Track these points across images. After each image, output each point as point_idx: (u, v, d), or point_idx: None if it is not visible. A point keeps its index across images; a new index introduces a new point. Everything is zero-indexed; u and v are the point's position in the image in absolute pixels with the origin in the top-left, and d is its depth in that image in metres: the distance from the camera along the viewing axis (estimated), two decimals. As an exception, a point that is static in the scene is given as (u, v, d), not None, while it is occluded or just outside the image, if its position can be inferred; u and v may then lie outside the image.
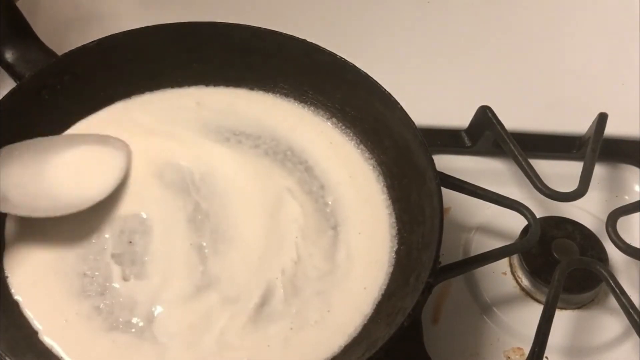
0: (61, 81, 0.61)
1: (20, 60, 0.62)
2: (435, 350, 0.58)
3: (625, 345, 0.61)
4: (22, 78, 0.61)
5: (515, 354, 0.59)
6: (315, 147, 0.63)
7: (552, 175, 0.65)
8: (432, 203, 0.55)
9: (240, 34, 0.64)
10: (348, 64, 0.62)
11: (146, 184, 0.59)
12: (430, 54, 0.80)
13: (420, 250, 0.55)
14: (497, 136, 0.67)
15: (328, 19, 0.82)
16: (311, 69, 0.64)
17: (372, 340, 0.51)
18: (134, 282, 0.54)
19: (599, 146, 0.67)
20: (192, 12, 0.65)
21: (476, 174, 0.66)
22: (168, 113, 0.64)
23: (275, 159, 0.62)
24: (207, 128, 0.63)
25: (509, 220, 0.64)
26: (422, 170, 0.57)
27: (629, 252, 0.61)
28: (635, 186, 0.71)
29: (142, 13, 0.79)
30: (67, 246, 0.56)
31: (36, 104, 0.60)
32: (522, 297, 0.63)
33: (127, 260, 0.55)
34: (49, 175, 0.58)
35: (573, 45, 0.83)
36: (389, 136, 0.61)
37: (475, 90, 0.75)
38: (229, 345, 0.52)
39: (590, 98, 0.76)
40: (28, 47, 0.62)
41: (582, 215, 0.67)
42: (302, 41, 0.63)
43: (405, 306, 0.50)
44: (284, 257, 0.56)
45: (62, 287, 0.54)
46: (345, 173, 0.62)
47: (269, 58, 0.64)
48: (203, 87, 0.66)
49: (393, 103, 0.59)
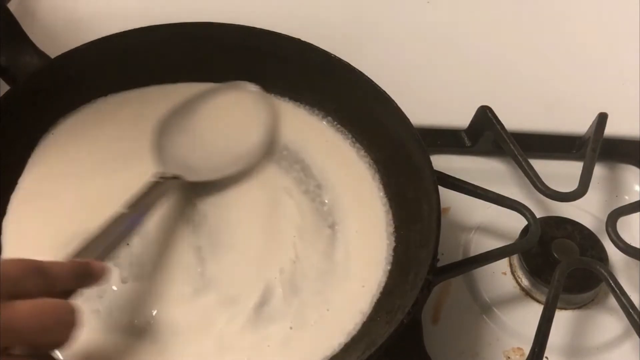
0: (55, 83, 0.61)
1: (13, 64, 0.61)
2: (435, 350, 0.57)
3: (625, 345, 0.60)
4: (16, 81, 0.61)
5: (515, 354, 0.59)
6: (310, 146, 0.63)
7: (552, 175, 0.65)
8: (429, 200, 0.55)
9: (236, 33, 0.64)
10: (342, 62, 0.62)
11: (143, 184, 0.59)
12: (430, 54, 0.80)
13: (418, 248, 0.55)
14: (497, 136, 0.67)
15: (328, 19, 0.82)
16: (306, 68, 0.64)
17: (372, 339, 0.50)
18: (132, 284, 0.54)
19: (599, 146, 0.67)
20: (187, 13, 0.65)
21: (476, 174, 0.66)
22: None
23: (271, 159, 0.62)
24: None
25: (509, 220, 0.64)
26: (418, 167, 0.57)
27: (629, 252, 0.61)
28: (635, 186, 0.71)
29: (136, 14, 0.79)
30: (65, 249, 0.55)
31: (30, 106, 0.60)
32: (522, 297, 0.63)
33: (124, 262, 0.55)
34: (207, 134, 0.62)
35: (573, 45, 0.83)
36: (385, 134, 0.61)
37: (475, 90, 0.75)
38: (229, 346, 0.52)
39: (590, 98, 0.76)
40: (21, 50, 0.62)
41: (582, 215, 0.67)
42: (297, 40, 0.63)
43: (404, 304, 0.50)
44: (282, 256, 0.56)
45: None
46: (342, 172, 0.62)
47: (264, 58, 0.64)
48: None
49: (388, 100, 0.59)
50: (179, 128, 0.61)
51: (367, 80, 0.61)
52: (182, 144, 0.61)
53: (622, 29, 0.84)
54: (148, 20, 0.63)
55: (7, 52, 0.61)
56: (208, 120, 0.63)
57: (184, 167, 0.58)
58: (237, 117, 0.64)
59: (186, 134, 0.61)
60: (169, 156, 0.59)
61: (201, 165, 0.60)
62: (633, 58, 0.80)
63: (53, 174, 0.59)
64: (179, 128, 0.61)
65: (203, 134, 0.62)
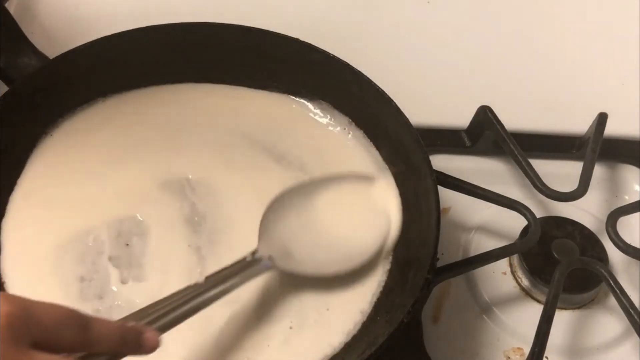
0: (54, 84, 0.61)
1: (12, 64, 0.61)
2: (435, 350, 0.58)
3: (625, 345, 0.60)
4: (14, 82, 0.61)
5: (515, 354, 0.59)
6: (310, 145, 0.63)
7: (552, 175, 0.65)
8: (428, 199, 0.55)
9: (235, 33, 0.64)
10: (341, 62, 0.62)
11: (142, 185, 0.59)
12: (430, 54, 0.80)
13: (418, 247, 0.55)
14: (497, 136, 0.67)
15: (328, 19, 0.82)
16: (305, 68, 0.64)
17: (372, 338, 0.51)
18: (132, 285, 0.54)
19: (598, 146, 0.66)
20: (187, 13, 0.65)
21: (476, 174, 0.66)
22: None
23: (270, 157, 0.62)
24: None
25: (509, 220, 0.64)
26: (417, 166, 0.57)
27: (629, 252, 0.61)
28: (635, 186, 0.71)
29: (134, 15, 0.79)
30: (64, 250, 0.56)
31: (29, 107, 0.60)
32: (522, 297, 0.63)
33: (124, 262, 0.55)
34: (321, 223, 0.56)
35: (573, 45, 0.83)
36: (384, 134, 0.61)
37: (475, 90, 0.75)
38: (229, 346, 0.52)
39: (590, 98, 0.76)
40: (20, 51, 0.62)
41: (582, 215, 0.67)
42: (297, 40, 0.63)
43: (404, 303, 0.50)
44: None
45: (59, 291, 0.54)
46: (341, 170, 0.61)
47: (264, 58, 0.64)
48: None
49: (387, 100, 0.59)
50: (293, 209, 0.56)
51: (367, 80, 0.61)
52: (290, 227, 0.55)
53: (622, 29, 0.84)
54: (147, 21, 0.63)
55: (6, 52, 0.61)
56: (325, 209, 0.57)
57: (283, 252, 0.53)
58: (358, 214, 0.58)
59: (298, 218, 0.56)
60: (271, 236, 0.54)
61: (303, 256, 0.54)
62: (633, 58, 0.80)
63: (52, 175, 0.59)
64: (292, 208, 0.56)
65: (316, 223, 0.56)
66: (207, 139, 0.62)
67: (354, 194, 0.58)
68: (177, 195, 0.59)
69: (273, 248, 0.53)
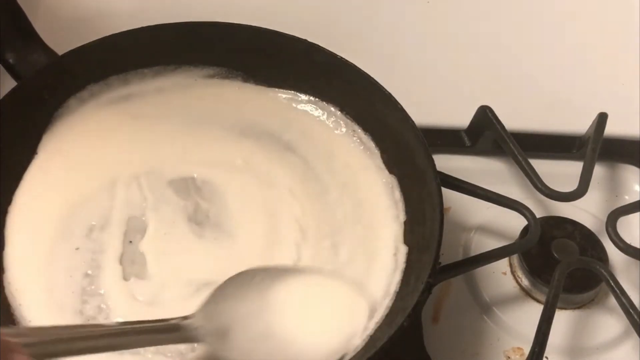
0: (62, 81, 0.61)
1: (22, 60, 0.61)
2: (435, 350, 0.58)
3: (625, 345, 0.60)
4: (22, 78, 0.60)
5: (515, 354, 0.59)
6: (315, 147, 0.63)
7: (552, 175, 0.65)
8: (432, 204, 0.54)
9: (241, 34, 0.64)
10: (348, 64, 0.61)
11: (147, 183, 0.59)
12: (430, 54, 0.80)
13: (420, 251, 0.55)
14: (497, 136, 0.67)
15: (328, 19, 0.82)
16: (311, 68, 0.63)
17: (372, 340, 0.50)
18: (135, 282, 0.54)
19: (599, 146, 0.67)
20: (193, 12, 0.65)
21: (476, 173, 0.66)
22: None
23: (275, 158, 0.62)
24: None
25: (509, 220, 0.64)
26: (422, 170, 0.57)
27: (629, 252, 0.61)
28: (635, 186, 0.71)
29: (142, 13, 0.79)
30: (68, 246, 0.56)
31: (37, 103, 0.60)
32: (522, 297, 0.63)
33: (127, 260, 0.55)
34: (274, 313, 0.49)
35: (573, 45, 0.83)
36: (390, 136, 0.61)
37: (475, 90, 0.75)
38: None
39: (590, 98, 0.76)
40: (30, 47, 0.62)
41: (582, 215, 0.67)
42: (303, 41, 0.63)
43: (405, 306, 0.50)
44: (284, 257, 0.56)
45: (62, 287, 0.54)
46: (345, 173, 0.61)
47: (270, 58, 0.64)
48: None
49: (393, 103, 0.59)
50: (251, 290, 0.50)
51: (373, 82, 0.60)
52: (239, 310, 0.49)
53: (622, 29, 0.84)
54: (156, 19, 0.63)
55: (16, 48, 0.61)
56: (285, 303, 0.50)
57: (219, 332, 0.48)
58: (319, 315, 0.52)
59: (252, 302, 0.50)
60: (214, 310, 0.48)
61: (239, 346, 0.47)
62: (633, 58, 0.80)
63: (57, 170, 0.59)
64: (250, 290, 0.50)
65: (269, 315, 0.50)
66: (213, 137, 0.62)
67: (322, 291, 0.53)
68: (181, 194, 0.59)
69: (210, 323, 0.47)
